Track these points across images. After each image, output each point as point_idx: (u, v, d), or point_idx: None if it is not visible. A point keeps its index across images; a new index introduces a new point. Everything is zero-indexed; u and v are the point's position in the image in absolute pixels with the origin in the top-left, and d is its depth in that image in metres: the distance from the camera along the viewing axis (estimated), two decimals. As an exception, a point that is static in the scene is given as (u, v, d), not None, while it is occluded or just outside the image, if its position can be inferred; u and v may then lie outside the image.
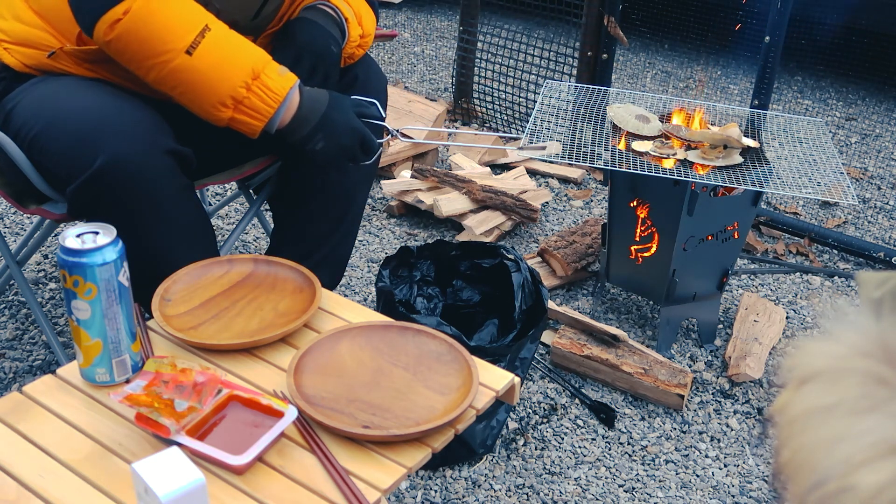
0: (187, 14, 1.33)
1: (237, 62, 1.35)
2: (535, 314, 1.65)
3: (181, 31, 1.31)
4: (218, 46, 1.33)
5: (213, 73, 1.33)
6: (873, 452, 0.46)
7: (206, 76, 1.33)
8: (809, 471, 0.48)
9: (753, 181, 1.80)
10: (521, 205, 2.53)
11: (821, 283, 2.43)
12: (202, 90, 1.34)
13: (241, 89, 1.34)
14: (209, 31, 1.33)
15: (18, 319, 2.02)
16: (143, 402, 1.01)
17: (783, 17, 2.33)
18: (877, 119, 3.84)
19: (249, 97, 1.35)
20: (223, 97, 1.35)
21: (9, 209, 2.49)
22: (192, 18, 1.33)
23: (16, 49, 1.45)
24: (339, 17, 1.57)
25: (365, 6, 1.66)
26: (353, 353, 1.20)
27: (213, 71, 1.33)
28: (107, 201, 1.33)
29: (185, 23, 1.32)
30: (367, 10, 1.67)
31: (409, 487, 1.61)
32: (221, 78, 1.34)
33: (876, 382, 0.50)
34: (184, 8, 1.33)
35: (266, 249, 1.85)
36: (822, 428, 0.49)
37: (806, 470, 0.49)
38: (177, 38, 1.31)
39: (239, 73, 1.34)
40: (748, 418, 1.86)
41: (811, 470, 0.48)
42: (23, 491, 0.95)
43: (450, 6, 5.26)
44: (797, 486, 0.50)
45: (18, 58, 1.45)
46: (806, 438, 0.50)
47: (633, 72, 4.35)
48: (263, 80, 1.36)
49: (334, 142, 1.45)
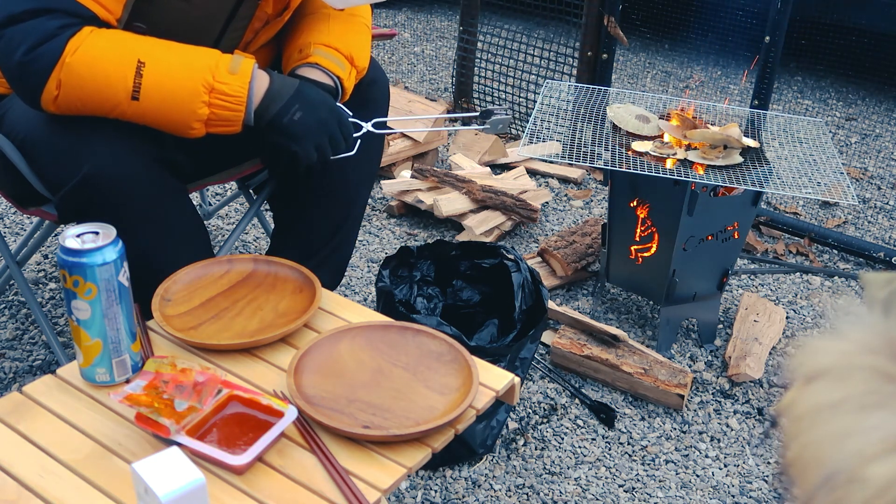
0: (116, 58, 1.28)
1: (185, 86, 1.30)
2: (535, 314, 1.65)
3: (116, 80, 1.27)
4: (160, 78, 1.29)
5: (167, 107, 1.31)
6: (882, 447, 0.47)
7: (161, 112, 1.31)
8: (818, 466, 0.48)
9: (753, 181, 1.80)
10: (521, 205, 2.53)
11: (821, 283, 2.43)
12: (166, 123, 1.33)
13: (201, 110, 1.32)
14: (144, 66, 1.28)
15: (18, 319, 2.02)
16: (143, 402, 1.01)
17: (783, 17, 2.33)
18: (877, 119, 3.85)
19: (213, 111, 1.33)
20: (188, 122, 1.33)
21: (9, 209, 2.49)
22: (121, 61, 1.28)
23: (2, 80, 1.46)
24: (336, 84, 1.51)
25: (357, 39, 1.58)
26: (353, 353, 1.20)
27: (165, 105, 1.31)
28: (94, 208, 1.33)
29: (117, 69, 1.27)
30: (360, 44, 1.59)
31: (409, 487, 1.61)
32: (177, 109, 1.31)
33: (883, 379, 0.50)
34: (110, 52, 1.28)
35: (266, 249, 1.85)
36: (831, 424, 0.49)
37: (814, 466, 0.49)
38: (116, 90, 1.28)
39: (192, 97, 1.31)
40: (748, 418, 1.86)
41: (820, 465, 0.48)
42: (23, 491, 0.95)
43: (450, 6, 5.26)
44: (805, 483, 0.50)
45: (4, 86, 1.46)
46: (814, 435, 0.50)
47: (633, 72, 4.35)
48: (219, 89, 1.32)
49: (312, 114, 1.41)
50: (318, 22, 1.56)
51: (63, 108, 1.30)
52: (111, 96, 1.28)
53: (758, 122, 2.12)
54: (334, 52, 1.52)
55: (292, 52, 1.54)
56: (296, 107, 1.39)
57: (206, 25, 1.45)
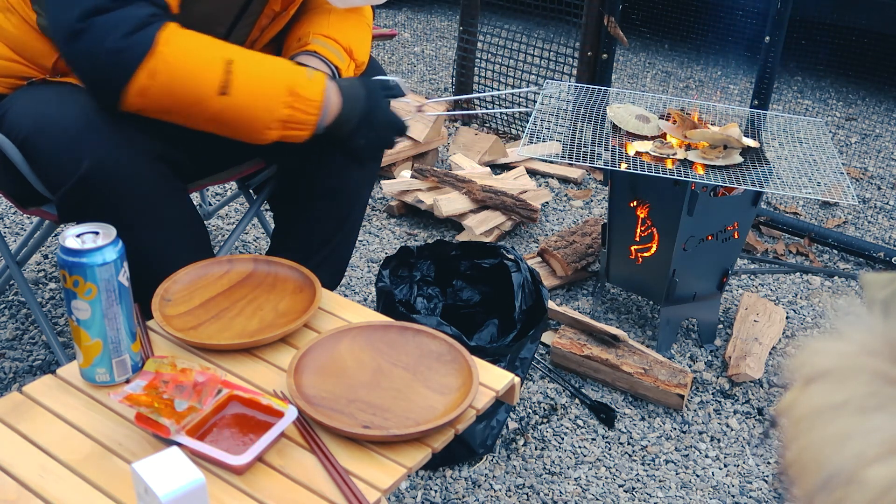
0: (207, 54, 1.30)
1: (273, 86, 1.33)
2: (535, 314, 1.65)
3: (207, 74, 1.29)
4: (249, 77, 1.31)
5: (254, 104, 1.32)
6: (883, 449, 0.47)
7: (247, 110, 1.33)
8: (818, 468, 0.48)
9: (753, 181, 1.80)
10: (521, 205, 2.53)
11: (821, 283, 2.43)
12: (247, 123, 1.34)
13: (282, 111, 1.34)
14: (233, 63, 1.30)
15: (18, 319, 2.02)
16: (143, 402, 1.01)
17: (783, 17, 2.33)
18: (877, 119, 3.85)
19: (293, 114, 1.35)
20: (269, 123, 1.34)
21: (9, 209, 2.49)
22: (212, 57, 1.30)
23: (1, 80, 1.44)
24: (334, 73, 1.52)
25: (357, 33, 1.60)
26: (353, 353, 1.20)
27: (251, 102, 1.32)
28: (94, 206, 1.32)
29: (208, 63, 1.29)
30: (360, 39, 1.60)
31: (409, 487, 1.61)
32: (264, 107, 1.33)
33: (884, 381, 0.50)
34: (202, 49, 1.30)
35: (266, 249, 1.85)
36: (831, 426, 0.49)
37: (814, 467, 0.49)
38: (207, 84, 1.29)
39: (278, 97, 1.33)
40: (748, 418, 1.86)
41: (820, 467, 0.48)
42: (23, 491, 0.95)
43: (450, 6, 5.26)
44: (805, 484, 0.50)
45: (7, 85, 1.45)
46: (814, 436, 0.50)
47: (633, 72, 4.35)
48: (299, 94, 1.34)
49: (375, 137, 1.47)
50: (318, 15, 1.58)
51: (149, 99, 1.28)
52: (202, 89, 1.29)
53: (758, 122, 2.12)
54: (333, 43, 1.53)
55: (291, 41, 1.56)
56: (361, 133, 1.44)
57: (216, 20, 1.46)
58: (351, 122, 1.42)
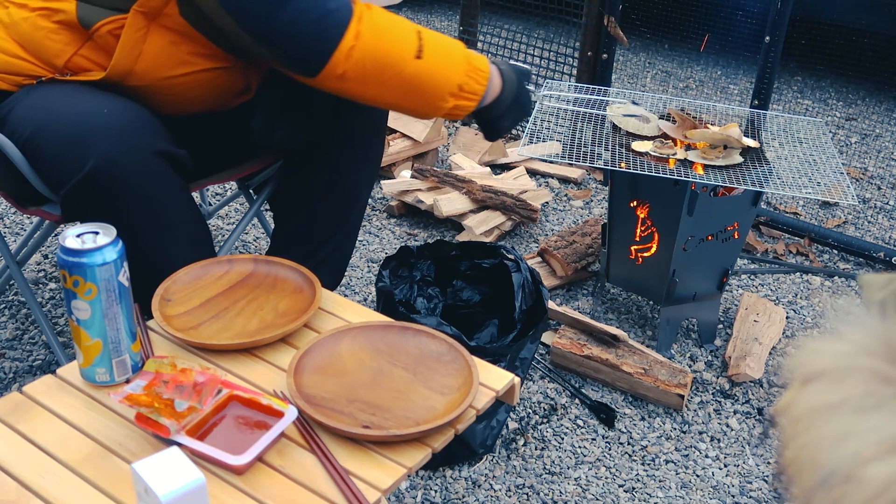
0: (400, 23, 1.38)
1: (454, 53, 1.42)
2: (535, 314, 1.65)
3: (406, 39, 1.37)
4: (435, 44, 1.40)
5: (440, 69, 1.40)
6: (880, 448, 0.47)
7: (435, 75, 1.40)
8: (815, 467, 0.48)
9: (753, 181, 1.80)
10: (521, 205, 2.53)
11: (821, 283, 2.43)
12: (433, 89, 1.40)
13: (460, 79, 1.42)
14: (420, 31, 1.39)
15: (18, 319, 2.02)
16: (143, 402, 1.01)
17: (783, 17, 2.33)
18: (877, 119, 3.85)
19: (468, 82, 1.42)
20: (452, 88, 1.41)
21: (9, 209, 2.49)
22: (405, 26, 1.38)
23: (4, 76, 1.44)
24: None
25: None
26: (353, 353, 1.20)
27: (439, 68, 1.40)
28: (98, 204, 1.33)
29: (405, 31, 1.38)
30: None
31: (409, 487, 1.61)
32: (449, 72, 1.41)
33: (881, 381, 0.50)
34: (395, 18, 1.38)
35: (266, 249, 1.85)
36: (828, 425, 0.50)
37: (812, 467, 0.49)
38: (405, 47, 1.37)
39: (459, 64, 1.42)
40: (748, 418, 1.86)
41: (817, 466, 0.48)
42: (23, 491, 0.95)
43: (450, 6, 5.26)
44: (802, 484, 0.50)
45: (11, 82, 1.44)
46: (811, 436, 0.50)
47: (633, 72, 4.35)
48: (473, 63, 1.43)
49: (516, 120, 1.57)
50: None
51: (352, 61, 1.33)
52: (401, 52, 1.36)
53: (758, 122, 2.12)
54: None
55: None
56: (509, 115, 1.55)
57: None
58: (506, 102, 1.51)
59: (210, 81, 1.48)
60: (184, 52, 1.42)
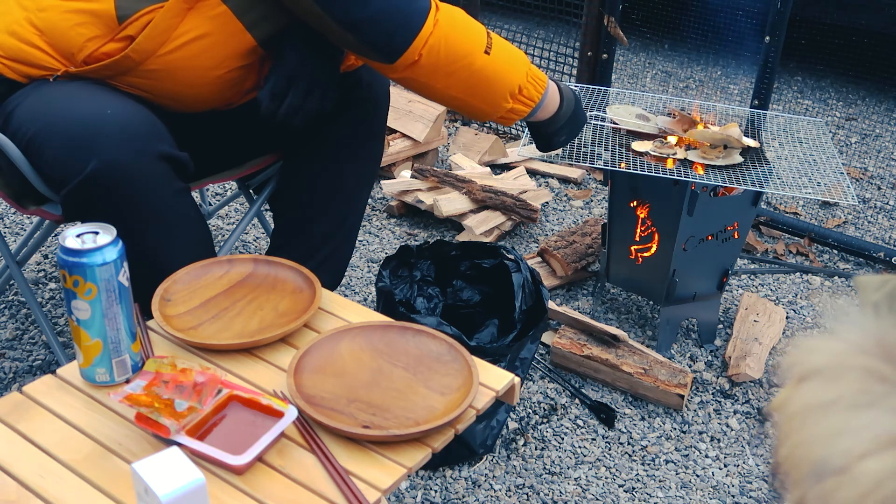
0: (471, 19, 1.44)
1: (516, 56, 1.47)
2: (536, 314, 1.65)
3: (478, 34, 1.42)
4: (501, 43, 1.45)
5: (504, 68, 1.45)
6: (873, 445, 0.47)
7: (499, 72, 1.44)
8: (809, 464, 0.49)
9: (753, 181, 1.81)
10: (521, 205, 2.53)
11: (821, 283, 2.43)
12: (496, 86, 1.45)
13: (521, 80, 1.46)
14: (489, 31, 1.44)
15: (18, 319, 2.02)
16: (143, 402, 1.01)
17: (783, 17, 2.33)
18: (877, 119, 3.84)
19: (526, 85, 1.47)
20: (513, 88, 1.46)
21: (9, 209, 2.50)
22: (476, 22, 1.44)
23: (13, 65, 1.43)
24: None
25: None
26: (353, 353, 1.20)
27: (503, 66, 1.44)
28: (99, 205, 1.33)
29: (476, 26, 1.43)
30: None
31: (409, 487, 1.61)
32: (511, 72, 1.45)
33: (875, 379, 0.50)
34: (466, 14, 1.44)
35: (266, 249, 1.85)
36: (822, 423, 0.50)
37: (806, 463, 0.49)
38: (477, 40, 1.42)
39: (520, 66, 1.47)
40: (748, 418, 1.86)
41: (811, 463, 0.49)
42: (23, 491, 0.96)
43: (450, 6, 5.25)
44: (797, 481, 0.50)
45: (19, 72, 1.44)
46: (806, 433, 0.50)
47: (633, 72, 4.35)
48: (532, 69, 1.49)
49: (571, 137, 1.63)
50: None
51: (426, 50, 1.38)
52: (473, 44, 1.41)
53: (758, 122, 2.12)
54: None
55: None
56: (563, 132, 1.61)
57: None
58: (564, 118, 1.58)
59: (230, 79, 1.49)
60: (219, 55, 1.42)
